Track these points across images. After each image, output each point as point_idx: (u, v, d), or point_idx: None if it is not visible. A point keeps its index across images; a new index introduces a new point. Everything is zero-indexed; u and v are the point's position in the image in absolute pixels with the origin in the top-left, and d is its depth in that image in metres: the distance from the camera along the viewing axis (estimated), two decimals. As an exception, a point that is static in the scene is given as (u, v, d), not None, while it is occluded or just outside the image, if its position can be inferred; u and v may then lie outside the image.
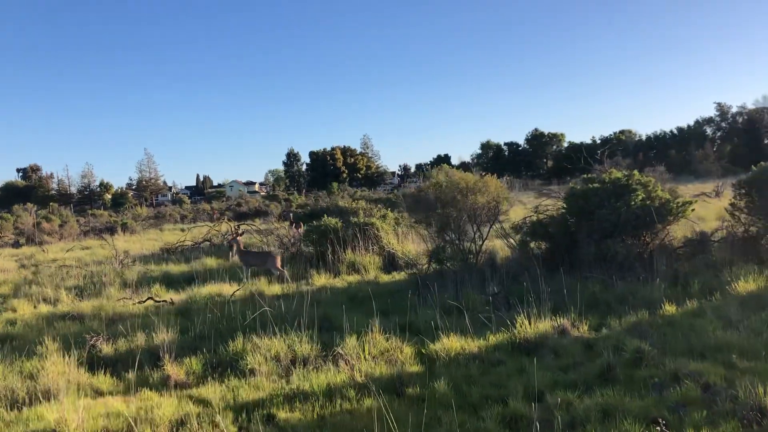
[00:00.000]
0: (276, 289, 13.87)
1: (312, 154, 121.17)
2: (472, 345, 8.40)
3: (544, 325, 8.84)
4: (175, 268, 18.94)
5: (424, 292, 12.00)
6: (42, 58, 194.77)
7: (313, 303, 10.50)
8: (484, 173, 15.38)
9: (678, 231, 13.64)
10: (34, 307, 13.49)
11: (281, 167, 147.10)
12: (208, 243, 24.87)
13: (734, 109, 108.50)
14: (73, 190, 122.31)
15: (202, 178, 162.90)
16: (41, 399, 7.20)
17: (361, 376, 7.37)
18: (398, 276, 15.28)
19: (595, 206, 12.60)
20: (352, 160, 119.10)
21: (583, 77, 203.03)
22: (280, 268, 15.53)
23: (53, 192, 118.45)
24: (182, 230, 41.98)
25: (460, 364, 7.82)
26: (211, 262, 19.74)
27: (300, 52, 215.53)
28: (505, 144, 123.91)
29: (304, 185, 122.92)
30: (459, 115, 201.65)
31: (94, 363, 8.82)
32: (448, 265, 13.05)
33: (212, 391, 7.31)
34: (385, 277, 15.01)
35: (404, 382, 7.15)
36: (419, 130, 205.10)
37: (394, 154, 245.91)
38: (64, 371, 8.11)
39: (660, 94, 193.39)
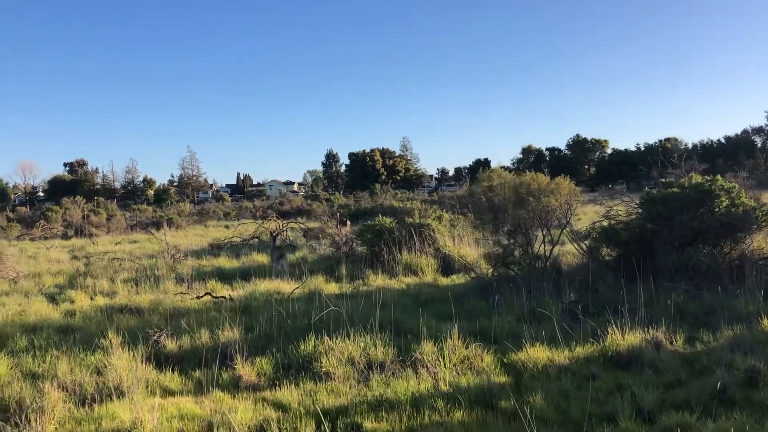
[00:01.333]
0: (333, 287, 13.48)
1: (351, 156, 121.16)
2: (560, 356, 7.84)
3: (635, 337, 8.22)
4: (226, 263, 18.73)
5: (492, 297, 11.48)
6: (89, 52, 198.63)
7: (375, 304, 10.06)
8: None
9: (761, 241, 12.85)
10: (91, 298, 13.31)
11: (320, 168, 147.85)
12: (256, 240, 24.65)
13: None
14: (117, 185, 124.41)
15: (242, 177, 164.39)
16: (112, 396, 6.86)
17: (445, 385, 6.88)
18: (457, 279, 14.76)
19: (675, 212, 11.91)
20: (391, 162, 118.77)
21: (626, 82, 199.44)
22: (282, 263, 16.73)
23: (98, 186, 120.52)
24: (226, 227, 42.20)
25: (551, 377, 7.27)
26: (261, 258, 19.48)
27: (341, 54, 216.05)
28: (547, 149, 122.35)
29: (342, 186, 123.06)
30: (498, 119, 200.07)
31: (158, 359, 8.50)
32: (514, 270, 12.47)
33: (289, 395, 6.90)
34: (444, 280, 14.51)
35: (494, 393, 6.63)
36: (456, 133, 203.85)
37: (431, 158, 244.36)
38: (130, 367, 7.79)
39: (706, 102, 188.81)
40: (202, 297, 12.68)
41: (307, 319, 9.97)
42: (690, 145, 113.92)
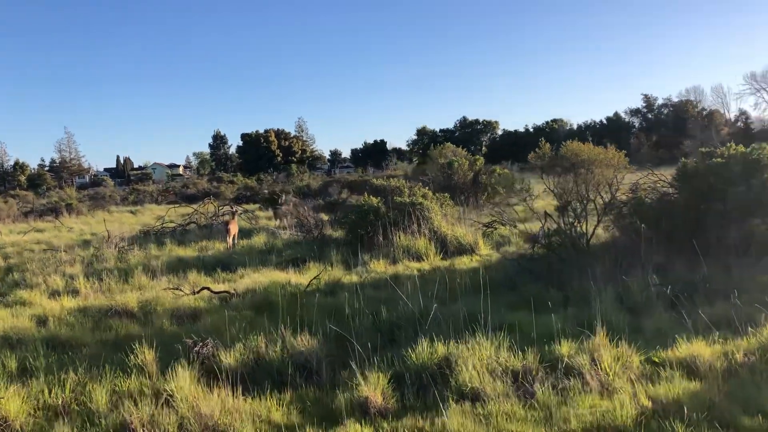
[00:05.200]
0: (354, 277, 11.73)
1: (244, 136, 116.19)
2: (706, 351, 6.56)
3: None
4: (181, 252, 16.37)
5: (548, 280, 10.21)
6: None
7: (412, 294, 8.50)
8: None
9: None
10: (53, 299, 10.81)
11: (206, 150, 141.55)
12: (194, 225, 22.18)
13: (660, 101, 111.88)
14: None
15: (122, 160, 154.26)
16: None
17: (646, 400, 5.44)
18: (468, 262, 13.40)
19: (726, 184, 11.07)
20: (287, 143, 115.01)
21: (512, 67, 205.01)
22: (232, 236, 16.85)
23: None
24: (131, 212, 38.66)
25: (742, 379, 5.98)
26: (218, 245, 17.29)
27: (223, 36, 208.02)
28: (441, 131, 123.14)
29: (233, 168, 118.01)
30: (390, 103, 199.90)
31: (215, 377, 6.51)
32: (556, 250, 11.21)
33: (459, 425, 5.21)
34: (460, 263, 13.05)
35: (716, 407, 5.26)
36: (348, 115, 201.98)
37: (322, 140, 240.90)
38: (199, 393, 5.82)
39: (591, 86, 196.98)
40: (198, 292, 10.58)
41: (372, 316, 8.21)
42: (575, 126, 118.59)
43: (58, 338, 8.25)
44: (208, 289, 10.64)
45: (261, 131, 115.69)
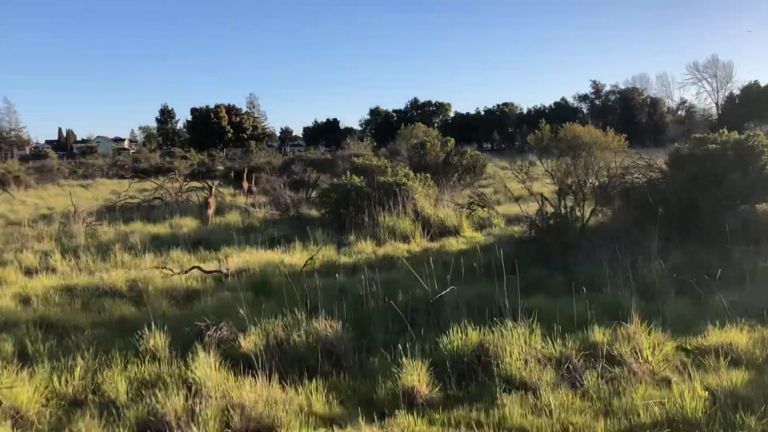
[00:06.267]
0: (345, 258, 11.36)
1: (194, 111, 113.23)
2: (741, 338, 6.47)
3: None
4: (153, 229, 15.69)
5: (551, 264, 10.08)
6: None
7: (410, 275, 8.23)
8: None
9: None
10: (29, 277, 10.14)
11: (153, 124, 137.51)
12: (159, 200, 21.37)
13: (608, 87, 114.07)
14: None
15: (65, 133, 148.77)
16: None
17: (702, 390, 5.25)
18: (456, 243, 13.16)
19: (724, 169, 11.11)
20: (238, 119, 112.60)
21: (465, 48, 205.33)
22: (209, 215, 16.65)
23: None
24: (83, 186, 37.26)
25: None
26: (190, 223, 16.66)
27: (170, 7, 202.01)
28: (394, 111, 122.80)
29: (180, 143, 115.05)
30: (346, 82, 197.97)
31: (235, 363, 6.09)
32: (554, 233, 11.07)
33: (516, 417, 4.95)
34: (450, 245, 12.80)
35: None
36: (298, 93, 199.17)
37: (272, 118, 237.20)
38: (230, 382, 5.43)
39: (540, 70, 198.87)
40: (188, 271, 10.06)
41: (386, 298, 7.87)
42: (525, 110, 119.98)
43: (48, 319, 7.67)
44: (199, 268, 10.13)
45: (211, 106, 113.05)
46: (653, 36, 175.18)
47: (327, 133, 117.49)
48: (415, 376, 5.46)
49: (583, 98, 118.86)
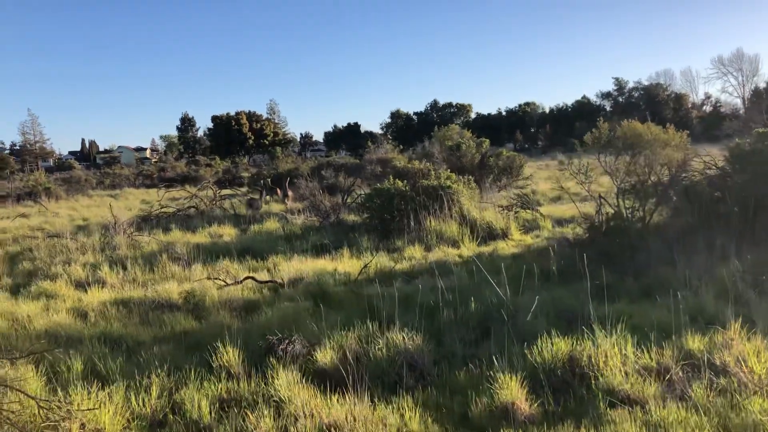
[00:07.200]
0: (400, 265, 11.07)
1: (215, 119, 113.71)
2: None
3: None
4: (193, 238, 15.50)
5: (615, 269, 9.68)
6: None
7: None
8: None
9: None
10: (81, 291, 9.96)
11: (174, 133, 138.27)
12: (194, 210, 21.23)
13: (631, 84, 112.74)
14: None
15: (88, 143, 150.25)
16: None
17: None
18: (508, 248, 12.80)
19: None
20: (259, 125, 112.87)
21: (486, 49, 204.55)
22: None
23: None
24: (112, 197, 37.32)
25: None
26: (228, 230, 16.51)
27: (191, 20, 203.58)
28: (415, 113, 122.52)
29: (201, 151, 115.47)
30: (364, 86, 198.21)
31: (313, 379, 5.82)
32: (615, 233, 10.68)
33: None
34: (502, 249, 12.45)
35: None
36: (320, 98, 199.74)
37: (293, 122, 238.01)
38: (318, 400, 5.14)
39: (563, 69, 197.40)
40: (242, 282, 9.83)
41: (456, 308, 7.58)
42: (547, 110, 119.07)
43: (110, 335, 7.45)
44: (253, 278, 9.89)
45: (232, 113, 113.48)
46: (676, 30, 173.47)
47: (348, 137, 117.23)
48: (512, 390, 5.15)
49: (606, 95, 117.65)
